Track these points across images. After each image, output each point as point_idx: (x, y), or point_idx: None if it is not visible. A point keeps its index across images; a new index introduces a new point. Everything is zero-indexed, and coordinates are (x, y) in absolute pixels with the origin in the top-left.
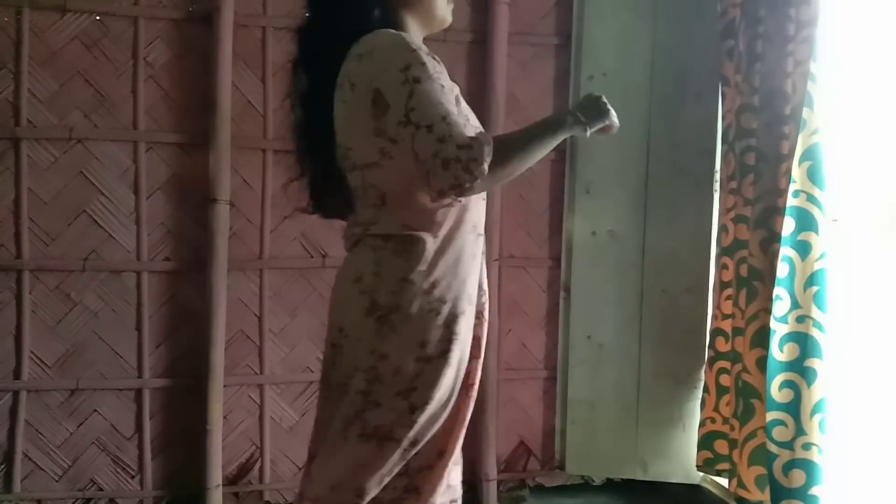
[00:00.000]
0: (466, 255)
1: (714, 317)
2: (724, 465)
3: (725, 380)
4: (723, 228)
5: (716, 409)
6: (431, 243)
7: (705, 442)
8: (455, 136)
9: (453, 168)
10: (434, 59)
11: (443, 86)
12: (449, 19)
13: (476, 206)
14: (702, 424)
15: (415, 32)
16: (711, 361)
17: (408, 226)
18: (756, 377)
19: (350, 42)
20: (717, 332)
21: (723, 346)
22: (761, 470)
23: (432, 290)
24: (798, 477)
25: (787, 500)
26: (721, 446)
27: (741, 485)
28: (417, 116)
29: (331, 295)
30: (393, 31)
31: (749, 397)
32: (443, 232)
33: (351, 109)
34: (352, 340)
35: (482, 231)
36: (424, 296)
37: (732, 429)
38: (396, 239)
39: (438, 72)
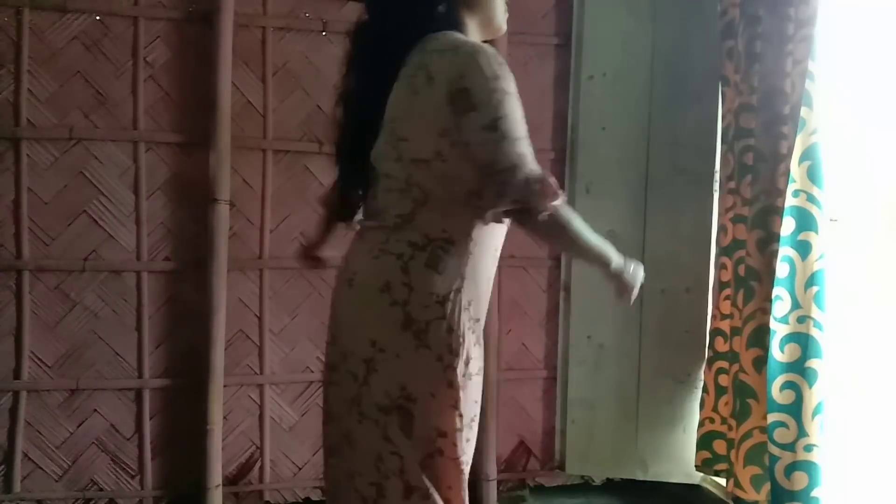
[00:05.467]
0: (488, 275)
1: (713, 317)
2: (723, 466)
3: (724, 380)
4: (722, 228)
5: (714, 409)
6: (465, 258)
7: (704, 442)
8: (533, 159)
9: (529, 186)
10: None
11: (521, 106)
12: (504, 28)
13: (500, 231)
14: (701, 424)
15: (473, 36)
16: (710, 361)
17: (446, 231)
18: (753, 377)
19: (411, 39)
20: (716, 332)
21: (721, 346)
22: (757, 469)
23: (469, 307)
24: (800, 479)
25: (789, 502)
26: (720, 446)
27: (737, 484)
28: (506, 126)
29: (343, 297)
30: (482, 45)
31: (745, 397)
32: (474, 248)
33: (422, 101)
34: (389, 356)
35: (499, 252)
36: (464, 312)
37: (730, 429)
38: (432, 247)
39: (517, 93)
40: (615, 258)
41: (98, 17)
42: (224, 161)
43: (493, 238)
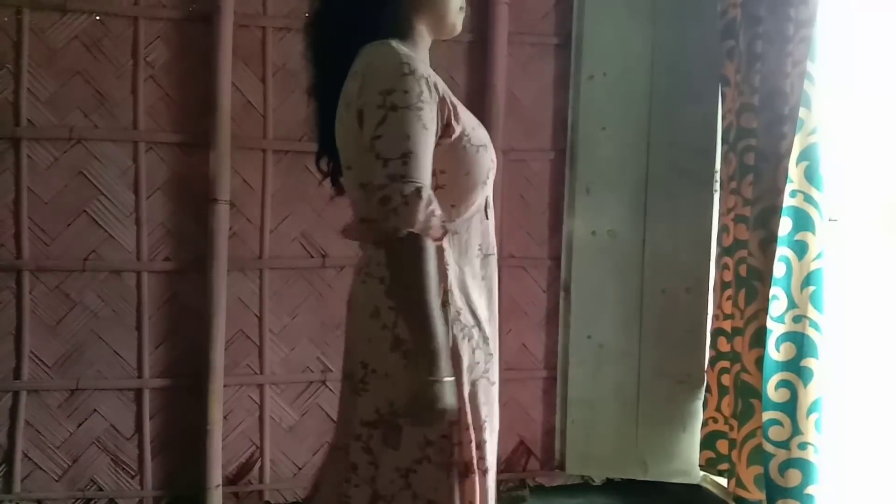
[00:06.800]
0: (477, 276)
1: (715, 317)
2: (726, 466)
3: (726, 379)
4: (723, 229)
5: (717, 409)
6: (442, 271)
7: (707, 442)
8: (407, 177)
9: (389, 204)
10: (428, 83)
11: (421, 118)
12: (459, 28)
13: (477, 231)
14: (704, 424)
15: (423, 38)
16: (713, 361)
17: None
18: (755, 377)
19: (359, 41)
20: (718, 331)
21: (724, 345)
22: (760, 469)
23: (458, 317)
24: (794, 476)
25: (783, 499)
26: (723, 446)
27: (740, 484)
28: (380, 146)
29: (347, 318)
30: (394, 44)
31: (748, 397)
32: (449, 258)
33: (345, 128)
34: (379, 376)
35: (492, 251)
36: (453, 324)
37: (732, 429)
38: None
39: (424, 101)
40: (443, 353)
41: (98, 17)
42: (224, 161)
43: (471, 240)
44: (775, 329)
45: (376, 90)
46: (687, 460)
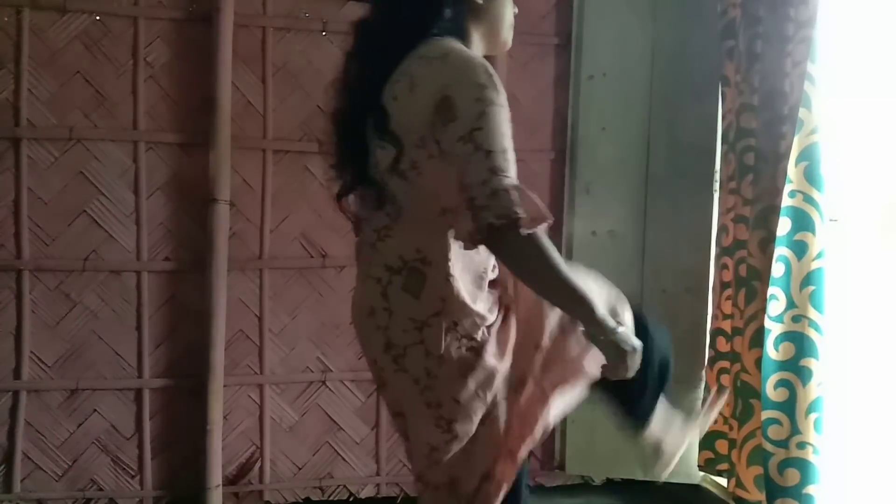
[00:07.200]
0: (482, 274)
1: (715, 317)
2: (725, 466)
3: (726, 380)
4: (723, 229)
5: None
6: (445, 280)
7: (707, 442)
8: (509, 172)
9: (498, 200)
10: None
11: (508, 119)
12: (509, 44)
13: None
14: None
15: (476, 48)
16: (712, 361)
17: (420, 251)
18: (755, 377)
19: (414, 41)
20: (717, 332)
21: (723, 346)
22: (759, 470)
23: (455, 327)
24: (793, 476)
25: (782, 498)
26: (722, 446)
27: (739, 484)
28: (481, 138)
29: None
30: (472, 54)
31: (748, 397)
32: (455, 270)
33: (402, 108)
34: (388, 374)
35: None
36: (448, 334)
37: (731, 429)
38: (406, 271)
39: (506, 103)
40: (600, 308)
41: (98, 17)
42: (224, 161)
43: (480, 261)
44: (774, 329)
45: (472, 82)
46: (687, 460)
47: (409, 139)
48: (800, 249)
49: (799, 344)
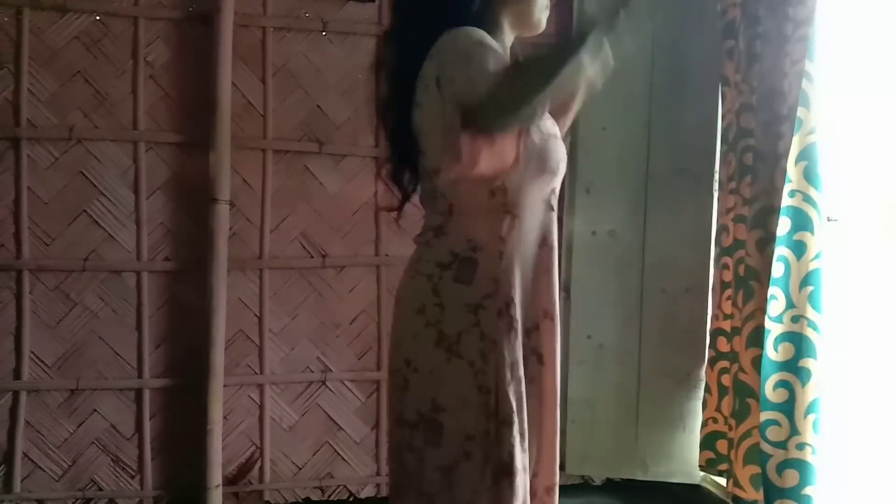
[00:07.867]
0: (527, 268)
1: (715, 317)
2: (726, 466)
3: (726, 380)
4: (723, 228)
5: (717, 409)
6: (496, 260)
7: (707, 442)
8: (486, 72)
9: (488, 96)
10: (499, 54)
11: (495, 56)
12: (543, 25)
13: (534, 216)
14: (704, 424)
15: (505, 33)
16: (713, 361)
17: (472, 241)
18: (752, 377)
19: (436, 33)
20: (717, 332)
21: (723, 346)
22: (756, 469)
23: (507, 309)
24: (791, 477)
25: (781, 499)
26: (722, 446)
27: (737, 484)
28: (458, 70)
29: (393, 313)
30: (471, 28)
31: (745, 397)
32: (505, 247)
33: (424, 109)
34: (423, 374)
35: (553, 243)
36: (500, 318)
37: (730, 428)
38: (458, 263)
39: (498, 52)
40: (567, 45)
41: (98, 17)
42: (224, 161)
43: (529, 228)
44: (773, 329)
45: (455, 53)
46: (687, 460)
47: (437, 136)
48: (799, 249)
49: (798, 344)
